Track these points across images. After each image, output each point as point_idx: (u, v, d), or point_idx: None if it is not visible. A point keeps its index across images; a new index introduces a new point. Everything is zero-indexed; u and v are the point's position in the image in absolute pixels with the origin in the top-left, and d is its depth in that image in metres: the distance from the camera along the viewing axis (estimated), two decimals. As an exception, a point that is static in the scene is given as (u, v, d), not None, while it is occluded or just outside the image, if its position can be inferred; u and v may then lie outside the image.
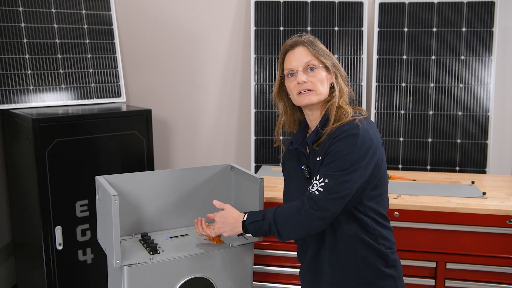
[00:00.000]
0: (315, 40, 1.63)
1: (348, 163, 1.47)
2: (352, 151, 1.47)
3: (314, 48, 1.59)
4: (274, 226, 1.54)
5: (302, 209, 1.50)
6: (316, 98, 1.58)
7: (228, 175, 2.03)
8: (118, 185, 1.81)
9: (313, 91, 1.58)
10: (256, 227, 1.59)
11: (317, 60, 1.59)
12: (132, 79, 3.23)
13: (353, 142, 1.48)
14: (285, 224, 1.53)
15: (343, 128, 1.51)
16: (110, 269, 1.82)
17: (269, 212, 1.58)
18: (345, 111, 1.57)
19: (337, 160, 1.48)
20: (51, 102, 2.71)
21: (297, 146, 1.66)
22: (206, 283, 1.75)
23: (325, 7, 2.91)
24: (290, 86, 1.62)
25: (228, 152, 3.23)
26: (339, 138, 1.50)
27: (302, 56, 1.59)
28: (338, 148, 1.49)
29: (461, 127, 2.81)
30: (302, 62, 1.59)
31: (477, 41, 2.79)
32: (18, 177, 2.64)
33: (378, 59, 2.88)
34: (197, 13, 3.12)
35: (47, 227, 2.37)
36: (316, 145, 1.58)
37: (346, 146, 1.48)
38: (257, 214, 1.62)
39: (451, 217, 2.18)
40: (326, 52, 1.62)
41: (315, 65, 1.58)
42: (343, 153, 1.48)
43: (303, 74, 1.58)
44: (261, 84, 2.97)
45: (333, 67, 1.61)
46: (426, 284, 2.26)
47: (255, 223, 1.59)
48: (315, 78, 1.58)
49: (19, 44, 2.64)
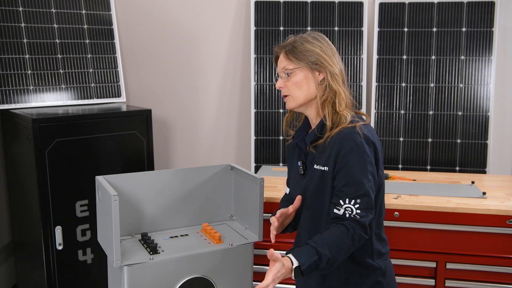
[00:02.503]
0: (299, 40, 1.57)
1: (359, 175, 1.46)
2: (359, 162, 1.47)
3: (291, 51, 1.56)
4: (332, 261, 1.45)
5: (355, 235, 1.46)
6: (293, 102, 1.58)
7: (228, 175, 2.03)
8: (118, 185, 1.81)
9: (289, 96, 1.59)
10: (313, 267, 1.45)
11: (291, 64, 1.56)
12: (132, 79, 3.23)
13: (359, 153, 1.47)
14: (341, 254, 1.47)
15: (346, 141, 1.48)
16: (110, 269, 1.82)
17: (321, 248, 1.45)
18: (343, 116, 1.53)
19: (351, 179, 1.47)
20: (51, 102, 2.71)
21: (297, 142, 1.66)
22: (206, 283, 1.75)
23: (325, 7, 2.91)
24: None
25: (228, 152, 3.23)
26: (345, 154, 1.47)
27: (280, 62, 1.60)
28: (348, 164, 1.47)
29: (461, 127, 2.81)
30: (280, 68, 1.60)
31: (477, 41, 2.79)
32: (18, 177, 2.64)
33: (378, 59, 2.88)
34: (197, 13, 3.12)
35: (47, 227, 2.37)
36: (313, 146, 1.58)
37: (353, 160, 1.47)
38: (309, 253, 1.44)
39: (451, 217, 2.18)
40: (308, 50, 1.55)
41: (289, 69, 1.57)
42: (353, 169, 1.47)
43: (280, 80, 1.60)
44: (261, 84, 2.97)
45: (313, 64, 1.55)
46: (426, 284, 2.26)
47: (312, 264, 1.44)
48: (290, 82, 1.57)
49: (19, 44, 2.64)
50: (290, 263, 1.42)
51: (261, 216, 1.86)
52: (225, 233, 1.92)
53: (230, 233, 1.93)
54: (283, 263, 1.43)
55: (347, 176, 1.47)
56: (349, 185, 1.47)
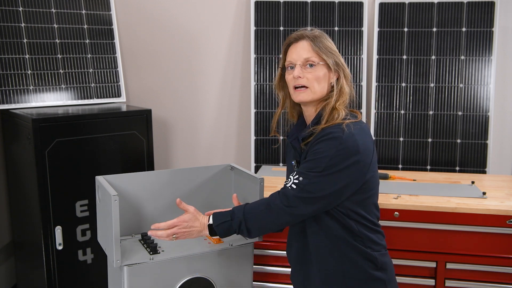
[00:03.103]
0: (321, 36, 1.58)
1: (324, 165, 1.44)
2: (330, 154, 1.44)
3: (317, 44, 1.55)
4: (244, 224, 1.50)
5: (272, 203, 1.48)
6: (310, 96, 1.56)
7: (228, 175, 2.03)
8: (118, 185, 1.81)
9: (308, 89, 1.55)
10: (225, 228, 1.53)
11: (317, 57, 1.55)
12: (132, 79, 3.23)
13: (333, 145, 1.45)
14: (255, 220, 1.50)
15: (328, 130, 1.48)
16: (110, 269, 1.82)
17: (238, 211, 1.53)
18: (338, 113, 1.52)
19: (314, 160, 1.47)
20: (51, 102, 2.71)
21: (291, 141, 1.65)
22: (206, 283, 1.75)
23: (325, 7, 2.91)
24: (288, 79, 1.60)
25: (228, 152, 3.23)
26: (322, 140, 1.47)
27: (303, 51, 1.56)
28: (319, 149, 1.47)
29: (461, 127, 2.81)
30: (302, 57, 1.56)
31: (477, 41, 2.79)
32: (18, 177, 2.64)
33: (378, 59, 2.88)
34: (197, 13, 3.12)
35: (47, 227, 2.37)
36: (305, 143, 1.56)
37: (326, 148, 1.45)
38: (224, 214, 1.56)
39: (451, 217, 2.18)
40: (330, 49, 1.57)
41: (314, 62, 1.55)
42: (321, 155, 1.45)
43: (300, 69, 1.55)
44: (261, 84, 2.97)
45: (335, 65, 1.56)
46: (426, 284, 2.26)
47: (224, 224, 1.54)
48: (312, 75, 1.55)
49: (19, 44, 2.64)
50: (206, 220, 1.58)
51: (261, 216, 1.85)
52: (225, 233, 1.92)
53: (230, 233, 1.92)
54: (197, 218, 1.58)
55: (308, 158, 1.49)
56: (304, 163, 1.50)
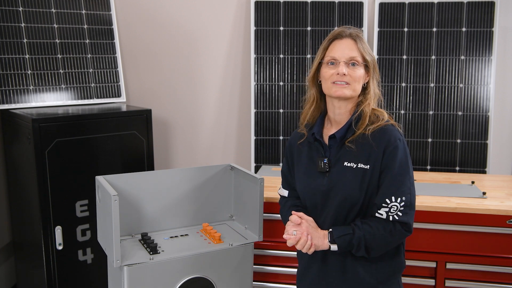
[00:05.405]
0: (362, 36, 1.62)
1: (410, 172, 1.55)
2: (406, 159, 1.55)
3: (362, 45, 1.59)
4: (364, 243, 1.53)
5: (394, 231, 1.53)
6: (350, 93, 1.58)
7: (228, 175, 2.03)
8: (118, 185, 1.81)
9: (350, 85, 1.57)
10: (346, 240, 1.54)
11: (361, 57, 1.58)
12: (132, 79, 3.23)
13: (402, 148, 1.54)
14: (375, 242, 1.54)
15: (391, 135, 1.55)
16: (110, 269, 1.82)
17: (357, 229, 1.54)
18: (380, 113, 1.60)
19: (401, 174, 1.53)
20: (51, 102, 2.71)
21: (318, 138, 1.63)
22: (206, 283, 1.75)
23: (325, 7, 2.91)
24: (327, 74, 1.60)
25: (228, 152, 3.23)
26: (395, 147, 1.53)
27: (349, 49, 1.58)
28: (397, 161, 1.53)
29: (461, 127, 2.81)
30: (347, 55, 1.57)
31: (477, 41, 2.79)
32: (18, 177, 2.64)
33: (378, 59, 2.88)
34: (197, 13, 3.12)
35: (47, 227, 2.37)
36: (348, 140, 1.57)
37: (401, 154, 1.54)
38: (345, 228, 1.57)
39: (451, 217, 2.18)
40: (370, 50, 1.61)
41: (358, 61, 1.58)
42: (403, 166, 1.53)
43: (345, 66, 1.57)
44: (261, 84, 2.97)
45: (372, 67, 1.61)
46: (426, 284, 2.26)
47: (345, 237, 1.54)
48: (355, 73, 1.57)
49: (19, 44, 2.64)
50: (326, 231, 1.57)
51: (261, 216, 1.86)
52: (225, 233, 1.92)
53: (230, 233, 1.93)
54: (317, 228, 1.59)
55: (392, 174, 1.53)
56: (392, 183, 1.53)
